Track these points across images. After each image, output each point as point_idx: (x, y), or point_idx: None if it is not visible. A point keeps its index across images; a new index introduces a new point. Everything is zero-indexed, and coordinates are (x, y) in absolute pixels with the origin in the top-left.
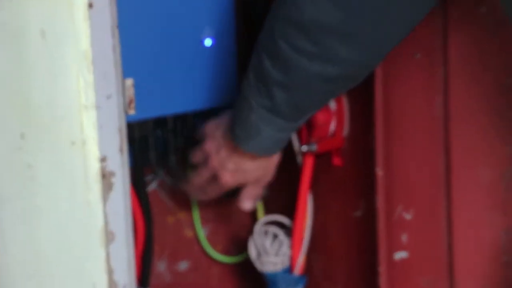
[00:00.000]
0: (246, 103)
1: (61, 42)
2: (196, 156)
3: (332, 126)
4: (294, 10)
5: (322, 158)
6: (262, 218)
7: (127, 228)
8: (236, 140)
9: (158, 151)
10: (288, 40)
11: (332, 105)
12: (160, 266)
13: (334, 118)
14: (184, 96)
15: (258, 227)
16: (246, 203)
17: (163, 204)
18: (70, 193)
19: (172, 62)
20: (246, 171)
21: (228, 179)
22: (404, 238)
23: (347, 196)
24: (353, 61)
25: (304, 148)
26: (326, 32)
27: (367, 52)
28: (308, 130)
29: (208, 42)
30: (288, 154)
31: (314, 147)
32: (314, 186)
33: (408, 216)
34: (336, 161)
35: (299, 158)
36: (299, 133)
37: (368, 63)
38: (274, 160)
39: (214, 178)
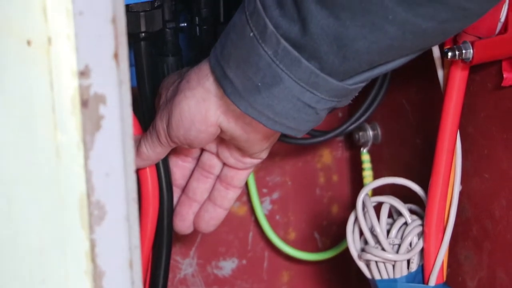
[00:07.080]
0: (253, 26)
1: None
2: None
3: (503, 12)
4: None
5: (482, 73)
6: (372, 182)
7: (128, 200)
8: (228, 91)
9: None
10: None
11: None
12: (186, 268)
13: None
14: None
15: (364, 198)
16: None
17: None
18: (21, 134)
19: None
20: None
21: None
22: None
23: None
24: None
25: (449, 53)
26: None
27: None
28: None
29: None
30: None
31: (470, 53)
32: (467, 124)
33: None
34: (510, 79)
35: (440, 73)
36: None
37: None
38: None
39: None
